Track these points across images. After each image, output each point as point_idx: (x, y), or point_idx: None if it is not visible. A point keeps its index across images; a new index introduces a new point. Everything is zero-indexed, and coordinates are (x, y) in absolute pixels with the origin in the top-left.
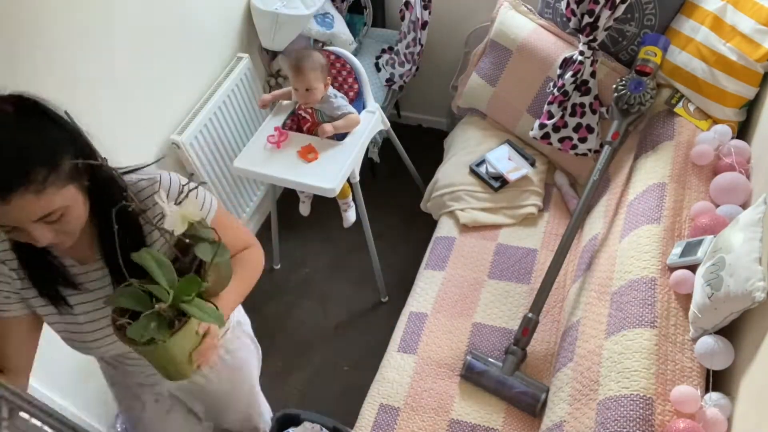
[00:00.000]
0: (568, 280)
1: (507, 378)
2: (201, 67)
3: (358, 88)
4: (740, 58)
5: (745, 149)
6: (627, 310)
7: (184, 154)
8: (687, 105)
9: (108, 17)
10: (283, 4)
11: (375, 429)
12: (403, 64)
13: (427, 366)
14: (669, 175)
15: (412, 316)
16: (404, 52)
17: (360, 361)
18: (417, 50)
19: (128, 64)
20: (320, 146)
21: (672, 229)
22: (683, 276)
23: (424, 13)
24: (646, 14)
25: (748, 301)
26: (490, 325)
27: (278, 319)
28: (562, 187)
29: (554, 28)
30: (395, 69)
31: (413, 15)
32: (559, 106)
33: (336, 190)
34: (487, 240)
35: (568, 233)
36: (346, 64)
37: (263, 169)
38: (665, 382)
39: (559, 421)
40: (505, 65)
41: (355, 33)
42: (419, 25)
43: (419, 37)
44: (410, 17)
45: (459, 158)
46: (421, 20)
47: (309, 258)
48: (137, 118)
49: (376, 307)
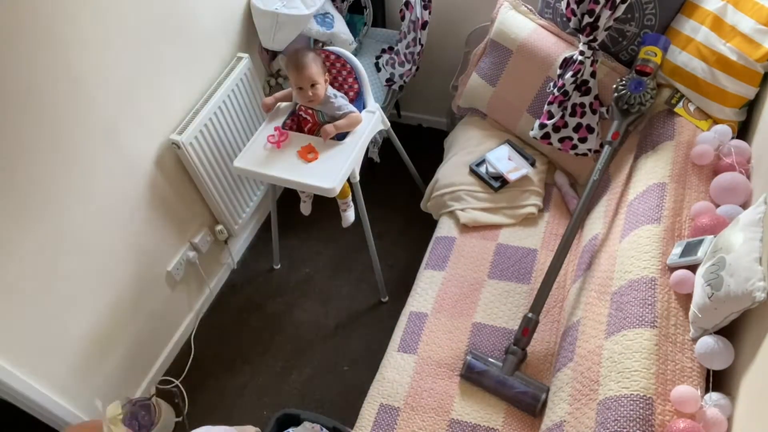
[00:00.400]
0: (568, 280)
1: (507, 378)
2: (201, 67)
3: (358, 87)
4: (740, 58)
5: (746, 149)
6: (627, 310)
7: (184, 154)
8: (687, 105)
9: (108, 17)
10: (283, 4)
11: (375, 429)
12: (403, 63)
13: (427, 366)
14: (669, 175)
15: (412, 316)
16: (404, 52)
17: (360, 361)
18: (417, 50)
19: (128, 64)
20: (320, 146)
21: (672, 229)
22: (683, 276)
23: (424, 12)
24: (646, 14)
25: (748, 301)
26: (490, 325)
27: (278, 319)
28: (562, 187)
29: (554, 28)
30: (395, 69)
31: (413, 15)
32: (559, 106)
33: (336, 190)
34: (487, 240)
35: (568, 233)
36: (346, 64)
37: (263, 169)
38: (665, 382)
39: (559, 421)
40: (505, 65)
41: (355, 33)
42: (419, 25)
43: (419, 37)
44: (410, 17)
45: (459, 158)
46: (421, 20)
47: (309, 258)
48: (137, 117)
49: (376, 307)
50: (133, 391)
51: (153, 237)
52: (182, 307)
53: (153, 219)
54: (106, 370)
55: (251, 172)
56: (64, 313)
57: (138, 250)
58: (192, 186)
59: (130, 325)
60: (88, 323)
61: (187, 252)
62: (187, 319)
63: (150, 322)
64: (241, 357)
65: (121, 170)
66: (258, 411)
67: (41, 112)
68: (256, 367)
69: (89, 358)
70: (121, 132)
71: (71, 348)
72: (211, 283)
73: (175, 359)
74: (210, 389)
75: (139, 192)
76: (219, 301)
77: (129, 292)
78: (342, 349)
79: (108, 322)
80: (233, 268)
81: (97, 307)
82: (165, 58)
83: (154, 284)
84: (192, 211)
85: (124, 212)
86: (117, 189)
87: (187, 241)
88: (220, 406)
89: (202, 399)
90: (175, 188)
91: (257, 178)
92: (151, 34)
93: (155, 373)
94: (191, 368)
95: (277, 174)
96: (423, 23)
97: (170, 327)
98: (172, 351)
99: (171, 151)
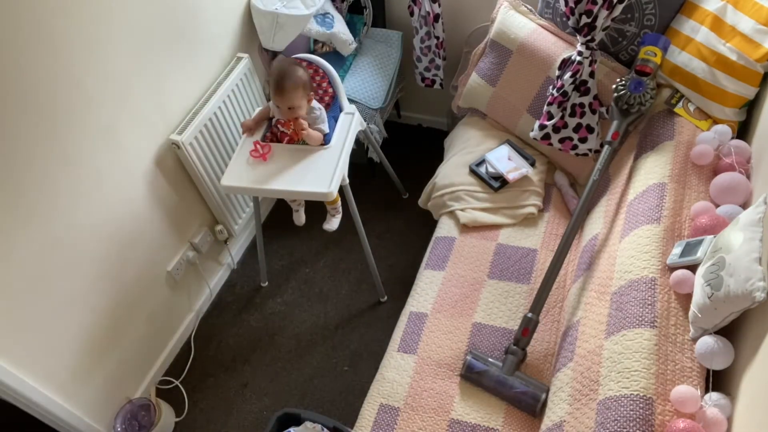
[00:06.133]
0: (568, 280)
1: (507, 378)
2: (201, 67)
3: (333, 92)
4: (740, 58)
5: (745, 149)
6: (627, 310)
7: (184, 154)
8: (687, 105)
9: (108, 17)
10: (283, 4)
11: (375, 429)
12: (419, 59)
13: (427, 366)
14: (669, 175)
15: (412, 316)
16: (419, 46)
17: (360, 361)
18: (434, 43)
19: (128, 64)
20: (307, 152)
21: (672, 229)
22: (683, 276)
23: (433, 6)
24: (646, 14)
25: (748, 301)
26: (490, 325)
27: (278, 319)
28: (562, 187)
29: (554, 28)
30: (417, 66)
31: (422, 10)
32: (559, 106)
33: (333, 193)
34: (487, 240)
35: (568, 233)
36: (318, 69)
37: (255, 184)
38: (665, 382)
39: (559, 421)
40: (505, 65)
41: (355, 33)
42: (431, 20)
43: (433, 31)
44: (420, 12)
45: (459, 158)
46: (432, 13)
47: (309, 258)
48: (137, 117)
49: (375, 307)
50: (133, 391)
51: (153, 237)
52: (182, 307)
53: (153, 219)
54: (106, 370)
55: (243, 188)
56: (64, 314)
57: (138, 250)
58: (192, 186)
59: (130, 325)
60: (88, 323)
61: (187, 252)
62: (187, 319)
63: (150, 322)
64: (241, 357)
65: (121, 170)
66: (258, 411)
67: (41, 112)
68: (256, 367)
69: (89, 358)
70: (121, 132)
71: (71, 348)
72: (211, 283)
73: (175, 359)
74: (210, 389)
75: (138, 192)
76: (219, 301)
77: (129, 292)
78: (342, 349)
79: (108, 322)
80: (233, 268)
81: (96, 307)
82: (165, 57)
83: (154, 284)
84: (192, 211)
85: (124, 212)
86: (117, 189)
87: (187, 242)
88: (220, 406)
89: (202, 399)
90: (174, 188)
91: (251, 193)
92: (151, 33)
93: (155, 373)
94: (191, 368)
95: (272, 186)
96: (435, 16)
97: (170, 327)
98: (172, 351)
99: (171, 151)
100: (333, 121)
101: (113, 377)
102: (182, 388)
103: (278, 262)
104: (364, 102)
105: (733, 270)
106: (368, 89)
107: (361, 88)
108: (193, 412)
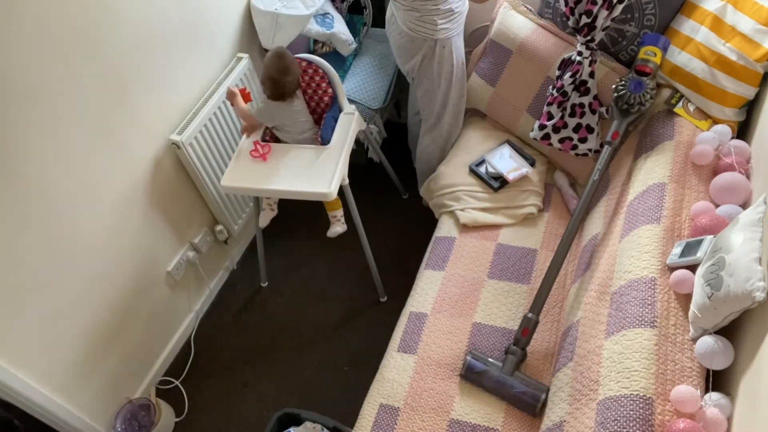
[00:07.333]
0: (568, 280)
1: (507, 378)
2: (201, 67)
3: (333, 92)
4: (740, 58)
5: (745, 149)
6: (627, 310)
7: (184, 154)
8: (687, 105)
9: (108, 17)
10: (283, 4)
11: (375, 429)
12: None
13: (427, 366)
14: (669, 175)
15: (412, 316)
16: None
17: (360, 361)
18: None
19: (128, 64)
20: (308, 152)
21: (672, 229)
22: (683, 276)
23: None
24: (645, 14)
25: (748, 301)
26: (490, 325)
27: (278, 319)
28: (562, 187)
29: (554, 28)
30: None
31: None
32: (559, 106)
33: (333, 193)
34: (487, 240)
35: (568, 233)
36: (318, 69)
37: (255, 184)
38: (665, 382)
39: (559, 421)
40: (505, 65)
41: (355, 33)
42: None
43: None
44: None
45: (459, 158)
46: None
47: (309, 258)
48: (137, 117)
49: (375, 307)
50: (133, 391)
51: (153, 237)
52: (182, 307)
53: (153, 219)
54: (106, 370)
55: (242, 188)
56: (64, 314)
57: (138, 251)
58: (192, 186)
59: (130, 325)
60: (88, 323)
61: (187, 252)
62: (187, 319)
63: (150, 323)
64: (241, 357)
65: (121, 170)
66: (258, 411)
67: (40, 112)
68: (256, 367)
69: (89, 358)
70: (121, 132)
71: (71, 348)
72: (211, 283)
73: (175, 359)
74: (210, 389)
75: (138, 192)
76: (219, 302)
77: (129, 292)
78: (342, 349)
79: (108, 322)
80: (233, 269)
81: (97, 307)
82: (165, 58)
83: (154, 284)
84: (192, 212)
85: (124, 212)
86: (117, 189)
87: (187, 242)
88: (220, 406)
89: (202, 399)
90: (174, 188)
91: (251, 193)
92: (151, 34)
93: (155, 374)
94: (191, 368)
95: (272, 186)
96: None
97: (170, 327)
98: (172, 351)
99: (171, 151)
100: (333, 121)
101: (113, 377)
102: (182, 389)
103: (278, 262)
104: (364, 102)
105: (733, 270)
106: (368, 89)
107: (361, 89)
108: (193, 412)
